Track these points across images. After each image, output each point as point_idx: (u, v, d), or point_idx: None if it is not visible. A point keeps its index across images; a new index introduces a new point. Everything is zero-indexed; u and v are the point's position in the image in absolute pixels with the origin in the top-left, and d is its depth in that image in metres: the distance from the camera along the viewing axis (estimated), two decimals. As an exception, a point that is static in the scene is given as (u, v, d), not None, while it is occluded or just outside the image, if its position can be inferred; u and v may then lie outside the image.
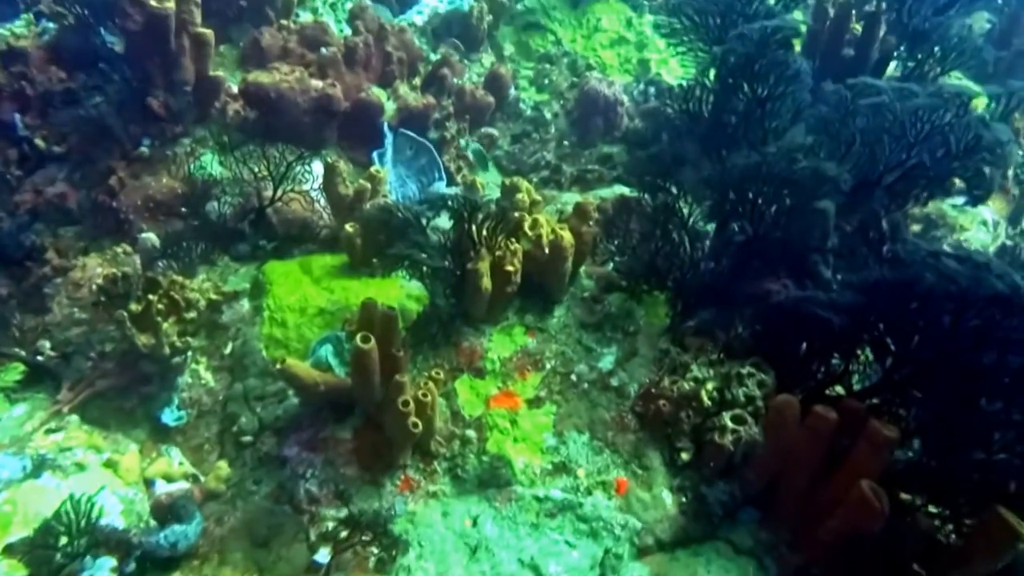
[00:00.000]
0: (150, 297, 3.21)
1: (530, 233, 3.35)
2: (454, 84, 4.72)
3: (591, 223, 3.46)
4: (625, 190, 4.36)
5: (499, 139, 4.85)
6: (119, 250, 3.78)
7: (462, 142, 4.59)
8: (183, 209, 3.89)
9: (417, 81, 4.72)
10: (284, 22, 4.46)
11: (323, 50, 4.27)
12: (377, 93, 4.23)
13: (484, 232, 3.08)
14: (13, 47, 4.22)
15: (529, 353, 3.21)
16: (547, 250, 3.26)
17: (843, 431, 2.52)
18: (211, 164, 3.97)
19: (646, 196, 3.50)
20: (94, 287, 3.63)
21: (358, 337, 2.67)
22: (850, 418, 2.53)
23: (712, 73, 3.51)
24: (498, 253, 3.17)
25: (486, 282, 3.12)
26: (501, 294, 3.23)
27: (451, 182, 4.50)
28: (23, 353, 3.34)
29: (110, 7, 4.31)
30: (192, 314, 3.38)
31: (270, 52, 4.36)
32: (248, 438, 3.22)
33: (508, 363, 3.17)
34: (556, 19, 5.35)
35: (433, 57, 4.92)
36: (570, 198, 4.32)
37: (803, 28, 3.15)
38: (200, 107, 4.12)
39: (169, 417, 3.32)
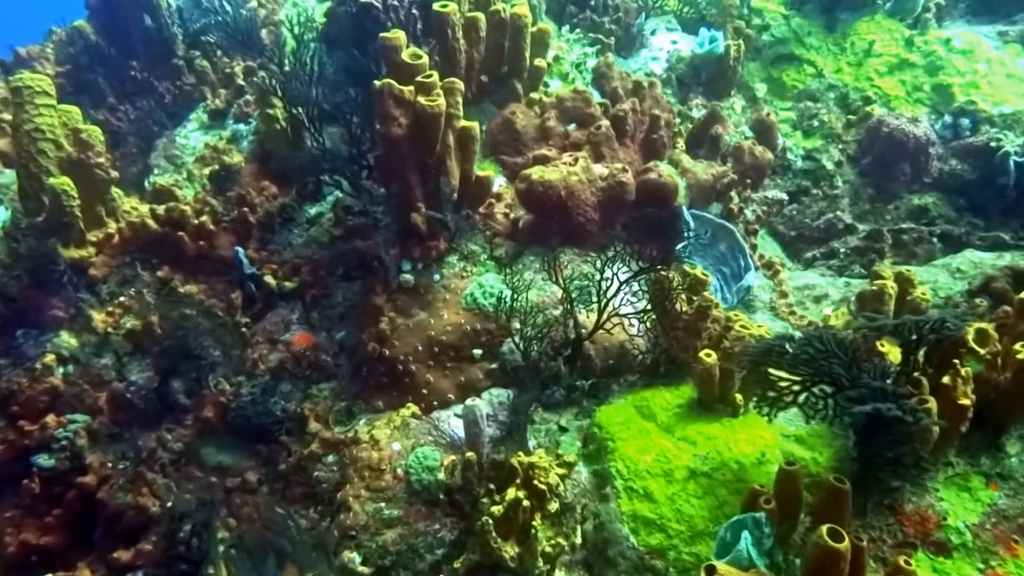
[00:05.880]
0: (517, 493, 2.39)
1: (980, 350, 2.54)
2: (728, 143, 3.87)
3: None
4: (983, 257, 3.43)
5: (786, 203, 3.97)
6: (407, 414, 2.99)
7: None
8: (476, 352, 3.08)
9: (681, 144, 3.88)
10: (534, 96, 3.64)
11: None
12: (667, 171, 3.38)
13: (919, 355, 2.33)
14: (228, 165, 3.46)
15: (1004, 514, 2.36)
16: (1010, 372, 2.40)
17: None
18: (496, 287, 3.16)
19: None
20: (400, 471, 2.84)
21: (823, 530, 1.89)
22: None
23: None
24: (945, 380, 2.36)
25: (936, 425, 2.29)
26: (948, 435, 2.38)
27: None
28: (346, 583, 2.55)
29: (334, 104, 3.57)
30: (555, 504, 2.55)
31: (526, 135, 3.55)
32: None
33: (981, 531, 2.32)
34: (812, 47, 4.44)
35: (695, 113, 4.06)
36: (928, 274, 3.40)
37: None
38: (467, 216, 3.32)
39: (538, 649, 2.49)
